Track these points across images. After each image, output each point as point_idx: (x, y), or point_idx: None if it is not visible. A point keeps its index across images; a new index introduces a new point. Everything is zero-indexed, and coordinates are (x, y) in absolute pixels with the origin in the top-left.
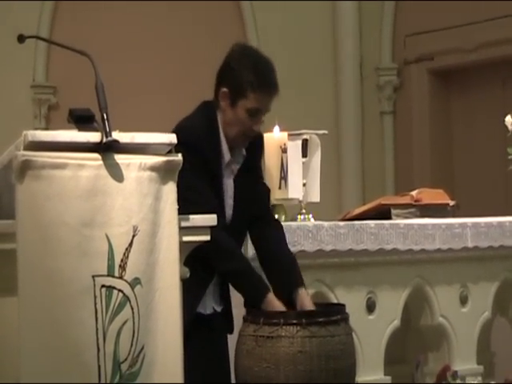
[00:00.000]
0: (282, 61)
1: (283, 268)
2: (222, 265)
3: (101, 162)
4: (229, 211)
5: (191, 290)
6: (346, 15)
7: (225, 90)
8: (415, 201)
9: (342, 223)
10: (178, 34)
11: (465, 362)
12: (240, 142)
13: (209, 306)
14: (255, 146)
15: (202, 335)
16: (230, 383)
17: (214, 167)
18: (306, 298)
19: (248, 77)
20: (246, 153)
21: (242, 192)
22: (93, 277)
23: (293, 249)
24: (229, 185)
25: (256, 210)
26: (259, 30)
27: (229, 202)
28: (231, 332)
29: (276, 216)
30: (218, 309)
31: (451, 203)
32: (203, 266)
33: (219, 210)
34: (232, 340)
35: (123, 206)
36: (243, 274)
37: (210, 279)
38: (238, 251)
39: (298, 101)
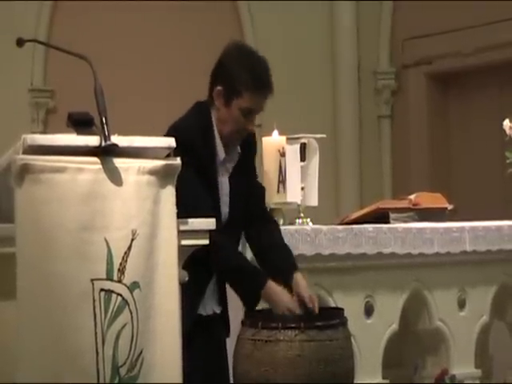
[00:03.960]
0: (279, 65)
1: (277, 256)
2: (220, 264)
3: (100, 166)
4: (225, 209)
5: (191, 291)
6: (343, 19)
7: (219, 88)
8: (413, 205)
9: (340, 227)
10: (176, 35)
11: (463, 366)
12: (233, 139)
13: (208, 307)
14: (248, 144)
15: (203, 336)
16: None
17: (209, 165)
18: (301, 282)
19: (243, 76)
20: (240, 150)
21: (237, 190)
22: (92, 281)
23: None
24: (224, 183)
25: (251, 208)
26: (257, 32)
27: (224, 199)
28: (227, 335)
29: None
30: (218, 310)
31: (449, 207)
32: (202, 267)
33: (216, 209)
34: (230, 343)
35: (122, 209)
36: (240, 268)
37: (209, 279)
38: (232, 249)
39: (296, 104)
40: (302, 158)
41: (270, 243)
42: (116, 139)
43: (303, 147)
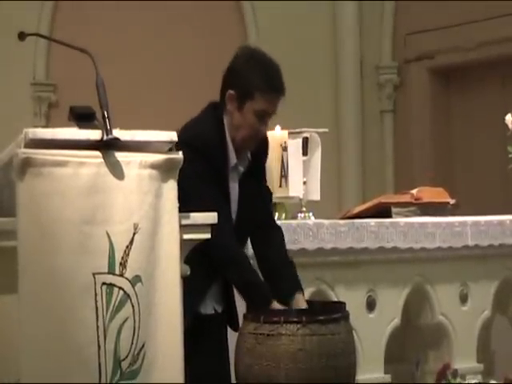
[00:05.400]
0: (282, 59)
1: (282, 273)
2: (232, 274)
3: (101, 160)
4: (233, 215)
5: (193, 290)
6: (346, 14)
7: (232, 92)
8: (415, 199)
9: (342, 221)
10: (178, 33)
11: (465, 361)
12: (247, 144)
13: (209, 305)
14: (260, 150)
15: (202, 334)
16: (231, 383)
17: (222, 171)
18: (300, 302)
19: (256, 79)
20: (250, 157)
21: (245, 196)
22: (93, 274)
23: (293, 247)
24: (233, 189)
25: (258, 214)
26: (260, 29)
27: (233, 206)
28: (236, 329)
29: (276, 214)
30: (219, 309)
31: (451, 202)
32: (207, 266)
33: (229, 216)
34: (232, 338)
35: (124, 203)
36: (252, 285)
37: (212, 279)
38: (248, 262)
39: (299, 99)
40: (305, 153)
41: (277, 257)
42: (118, 133)
43: (305, 141)
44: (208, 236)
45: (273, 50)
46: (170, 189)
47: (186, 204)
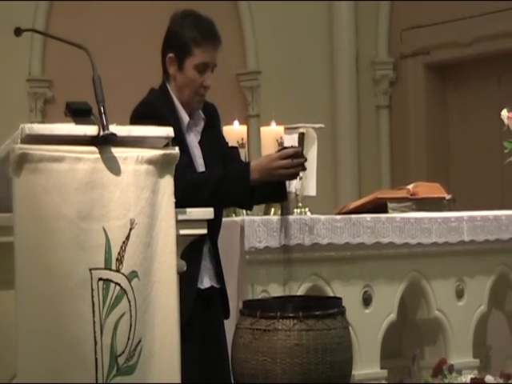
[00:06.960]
0: (278, 54)
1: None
2: (203, 193)
3: (98, 156)
4: (201, 169)
5: (188, 267)
6: (342, 9)
7: (171, 55)
8: (411, 194)
9: (338, 217)
10: None
11: (461, 356)
12: (195, 102)
13: (206, 280)
14: (212, 114)
15: (202, 312)
16: (228, 364)
17: (175, 129)
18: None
19: (190, 34)
20: (204, 116)
21: (209, 152)
22: (90, 270)
23: (289, 242)
24: (195, 147)
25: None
26: (256, 28)
27: (199, 161)
28: (227, 317)
29: (272, 210)
30: (216, 285)
31: (447, 197)
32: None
33: (191, 166)
34: (229, 333)
35: (120, 199)
36: (222, 177)
37: (201, 247)
38: (206, 173)
39: (295, 95)
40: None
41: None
42: (114, 129)
43: (301, 137)
44: (204, 231)
45: (269, 48)
46: (167, 184)
47: None
